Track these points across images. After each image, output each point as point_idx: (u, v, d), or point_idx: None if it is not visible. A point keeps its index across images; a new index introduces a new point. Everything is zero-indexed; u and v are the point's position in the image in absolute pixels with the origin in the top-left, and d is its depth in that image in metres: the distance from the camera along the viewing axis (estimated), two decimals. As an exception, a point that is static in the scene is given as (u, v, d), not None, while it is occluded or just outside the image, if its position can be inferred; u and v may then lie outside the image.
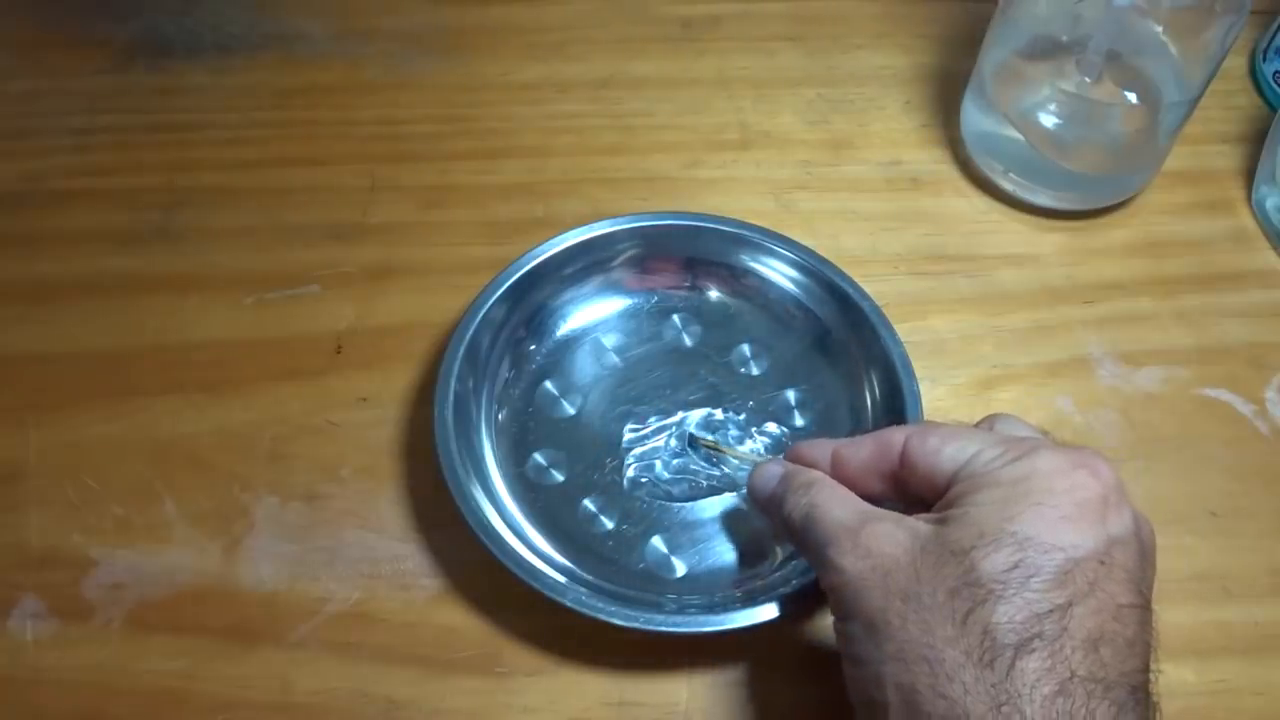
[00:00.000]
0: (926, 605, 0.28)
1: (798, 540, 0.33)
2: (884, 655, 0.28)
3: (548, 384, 0.44)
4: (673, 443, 0.42)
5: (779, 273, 0.45)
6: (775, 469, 0.36)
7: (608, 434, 0.42)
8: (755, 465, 0.37)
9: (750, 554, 0.40)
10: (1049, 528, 0.28)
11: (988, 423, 0.34)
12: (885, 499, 0.33)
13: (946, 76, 0.56)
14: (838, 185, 0.52)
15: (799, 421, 0.43)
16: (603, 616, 0.35)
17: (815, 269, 0.44)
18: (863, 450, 0.34)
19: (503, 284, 0.43)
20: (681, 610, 0.37)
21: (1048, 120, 0.49)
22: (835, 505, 0.32)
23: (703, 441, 0.42)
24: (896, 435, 0.33)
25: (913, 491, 0.33)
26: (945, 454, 0.31)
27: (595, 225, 0.45)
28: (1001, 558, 0.28)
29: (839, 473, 0.34)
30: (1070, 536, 0.28)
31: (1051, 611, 0.27)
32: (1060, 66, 0.48)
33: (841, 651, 0.31)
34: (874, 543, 0.30)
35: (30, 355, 0.45)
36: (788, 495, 0.34)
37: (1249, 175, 0.53)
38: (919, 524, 0.30)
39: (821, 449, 0.35)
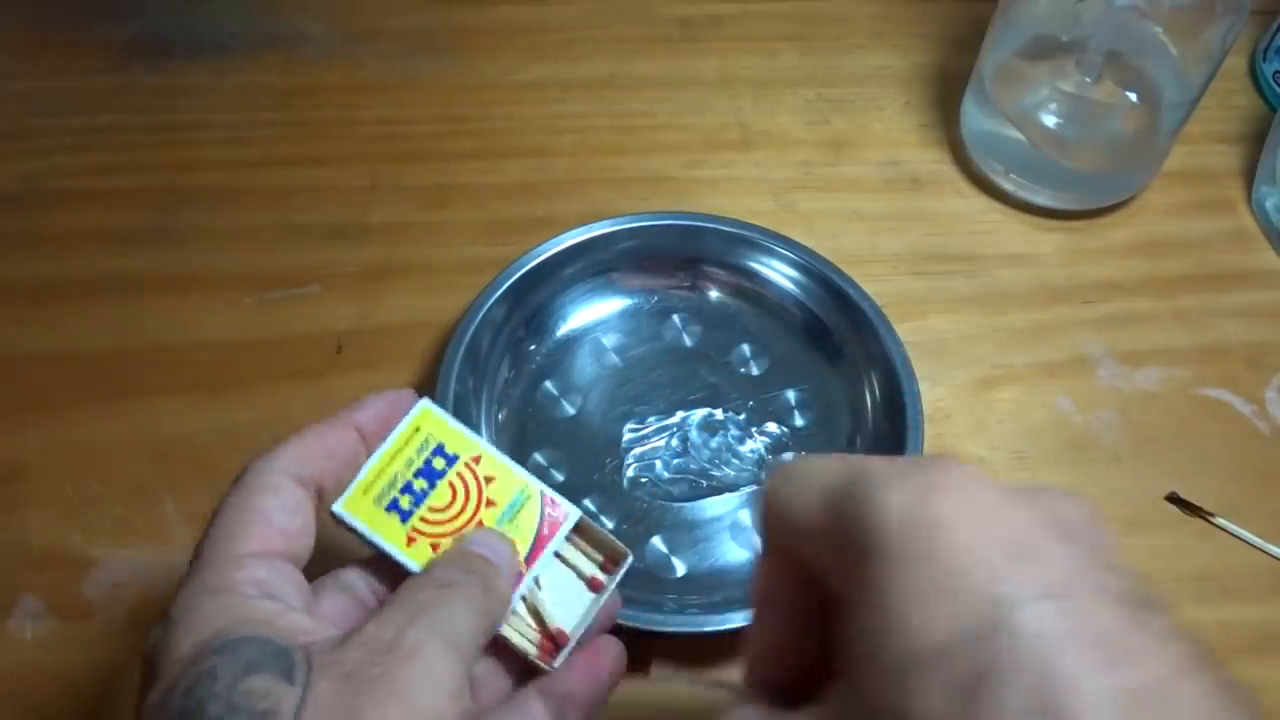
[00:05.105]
0: None
1: None
2: None
3: (548, 384, 0.44)
4: (673, 443, 0.42)
5: (779, 273, 0.45)
6: None
7: (608, 434, 0.42)
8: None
9: (751, 554, 0.40)
10: None
11: None
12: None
13: (946, 76, 0.56)
14: (838, 185, 0.52)
15: (799, 421, 0.43)
16: (603, 616, 0.35)
17: (815, 269, 0.45)
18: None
19: (503, 284, 0.43)
20: (681, 610, 0.37)
21: (1048, 120, 0.49)
22: None
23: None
24: None
25: None
26: None
27: (595, 225, 0.45)
28: None
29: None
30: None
31: None
32: (1060, 66, 0.49)
33: None
34: None
35: (30, 355, 0.45)
36: None
37: (1249, 175, 0.53)
38: None
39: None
